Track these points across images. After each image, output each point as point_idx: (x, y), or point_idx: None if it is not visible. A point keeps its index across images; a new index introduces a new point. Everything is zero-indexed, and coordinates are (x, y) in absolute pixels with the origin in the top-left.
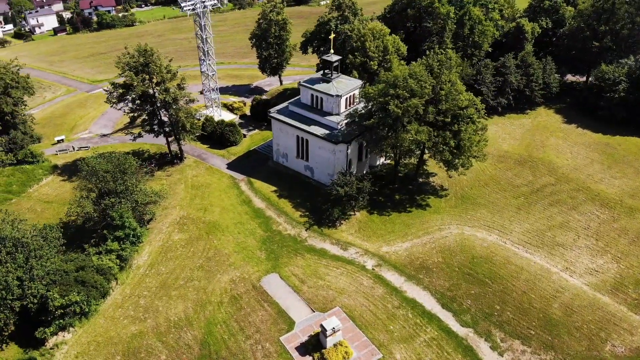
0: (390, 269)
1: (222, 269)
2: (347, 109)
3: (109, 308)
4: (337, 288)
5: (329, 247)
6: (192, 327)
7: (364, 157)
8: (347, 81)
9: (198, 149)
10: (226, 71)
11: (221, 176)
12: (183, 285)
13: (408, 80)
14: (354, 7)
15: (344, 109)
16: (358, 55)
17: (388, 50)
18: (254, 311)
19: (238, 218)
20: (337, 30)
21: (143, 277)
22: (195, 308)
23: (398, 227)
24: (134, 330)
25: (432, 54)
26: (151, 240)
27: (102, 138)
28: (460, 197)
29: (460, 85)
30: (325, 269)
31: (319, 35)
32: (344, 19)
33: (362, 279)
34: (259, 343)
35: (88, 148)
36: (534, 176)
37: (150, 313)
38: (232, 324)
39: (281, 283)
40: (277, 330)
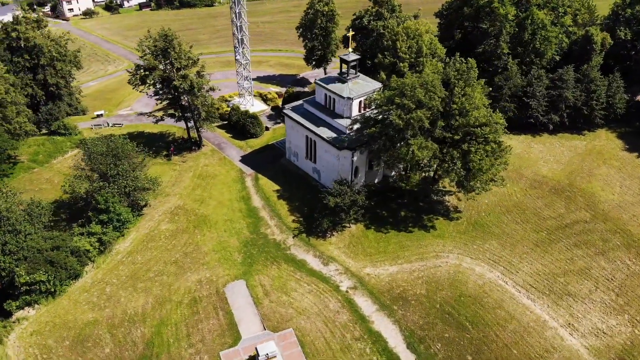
0: (365, 293)
1: (194, 267)
2: (361, 113)
3: (76, 290)
4: (299, 307)
5: (309, 260)
6: (144, 324)
7: (375, 166)
8: (364, 83)
9: (220, 138)
10: (279, 59)
11: (230, 168)
12: (151, 279)
13: (416, 90)
14: (391, 3)
15: (356, 113)
16: (388, 55)
17: (422, 51)
18: (207, 318)
19: (230, 215)
20: (369, 26)
21: (118, 264)
22: (154, 304)
23: (392, 247)
24: (90, 318)
25: (451, 62)
26: (139, 227)
27: (138, 117)
28: (473, 223)
29: (478, 99)
30: (295, 283)
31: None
32: (378, 15)
33: (330, 301)
34: (199, 354)
35: (121, 125)
36: (567, 209)
37: (111, 302)
38: (182, 328)
39: (244, 292)
40: (221, 343)
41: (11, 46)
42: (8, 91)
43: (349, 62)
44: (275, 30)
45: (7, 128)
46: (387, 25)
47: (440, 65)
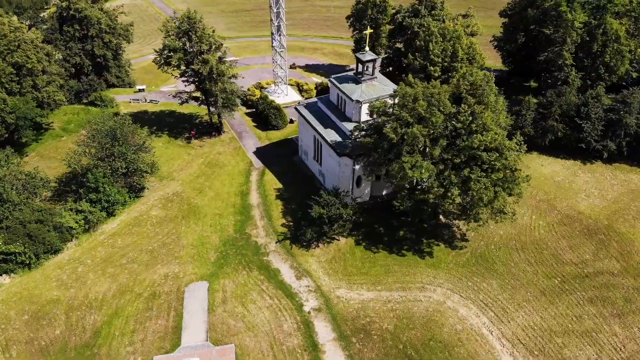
0: (328, 318)
1: (166, 260)
2: (373, 118)
3: (52, 265)
4: (251, 322)
5: (284, 270)
6: (99, 311)
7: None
8: (380, 86)
9: (244, 125)
10: (335, 47)
11: (241, 159)
12: (122, 265)
13: (418, 102)
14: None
15: (365, 118)
16: (419, 57)
17: (457, 56)
18: (157, 317)
19: (222, 209)
20: (403, 23)
21: (98, 244)
22: (115, 292)
23: (376, 269)
24: (54, 296)
25: (466, 73)
26: (132, 210)
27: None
28: (478, 256)
29: (489, 120)
30: (257, 294)
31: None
32: (415, 12)
33: (287, 321)
34: (134, 354)
35: (157, 102)
36: (595, 255)
37: (78, 283)
38: (130, 322)
39: (203, 295)
40: (159, 347)
41: (62, 16)
42: (40, 60)
43: (364, 61)
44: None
45: (35, 96)
46: (422, 24)
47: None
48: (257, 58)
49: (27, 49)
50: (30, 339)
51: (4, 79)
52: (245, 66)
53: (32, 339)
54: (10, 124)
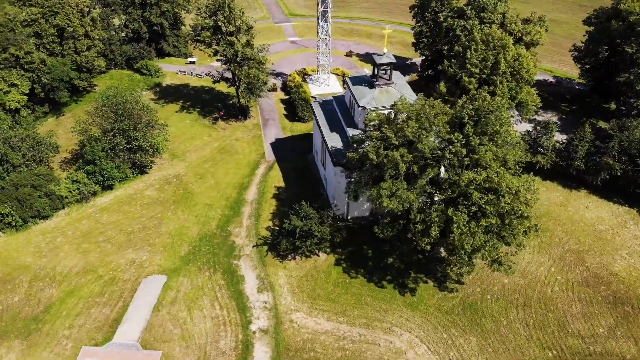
0: (271, 344)
1: (139, 245)
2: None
3: (36, 231)
4: (188, 331)
5: (249, 279)
6: (59, 287)
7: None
8: (396, 93)
9: (274, 113)
10: (404, 36)
11: (255, 149)
12: (97, 243)
13: (409, 122)
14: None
15: None
16: (455, 64)
17: (498, 68)
18: (104, 304)
19: (215, 200)
20: (443, 23)
21: (84, 217)
22: (80, 270)
23: (346, 298)
24: (27, 262)
25: (479, 97)
26: (129, 186)
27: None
28: (467, 304)
29: (488, 155)
30: (209, 301)
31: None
32: (459, 12)
33: (226, 337)
34: (67, 339)
35: (202, 77)
36: (611, 331)
37: (52, 254)
38: (79, 305)
39: (156, 291)
40: (92, 337)
41: None
42: (84, 24)
43: (378, 64)
44: None
45: (75, 59)
46: (466, 27)
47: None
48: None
49: (70, 12)
50: (9, 293)
51: (46, 40)
52: (303, 48)
53: (9, 293)
54: (46, 84)
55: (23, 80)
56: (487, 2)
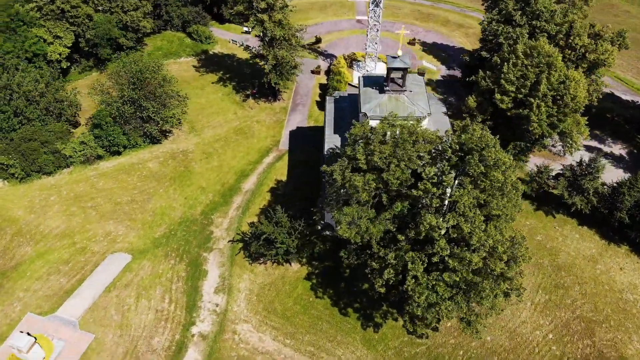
0: (204, 352)
1: (120, 218)
2: None
3: (36, 185)
4: (128, 319)
5: (211, 276)
6: (34, 246)
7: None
8: (406, 104)
9: (308, 98)
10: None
11: (272, 136)
12: (84, 208)
13: (383, 146)
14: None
15: None
16: (489, 77)
17: (538, 89)
18: (65, 274)
19: (210, 183)
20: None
21: (82, 179)
22: (58, 233)
23: (303, 319)
24: (16, 215)
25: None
26: (134, 155)
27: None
28: (432, 357)
29: (466, 200)
30: (161, 292)
31: None
32: (507, 16)
33: (163, 335)
34: (19, 302)
35: (251, 49)
36: None
37: (41, 212)
38: (43, 270)
39: (115, 270)
40: (40, 305)
41: None
42: None
43: (389, 68)
44: None
45: (121, 18)
46: (512, 35)
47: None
48: (387, 23)
49: None
50: None
51: None
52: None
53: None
54: (89, 40)
55: (67, 33)
56: (542, 8)
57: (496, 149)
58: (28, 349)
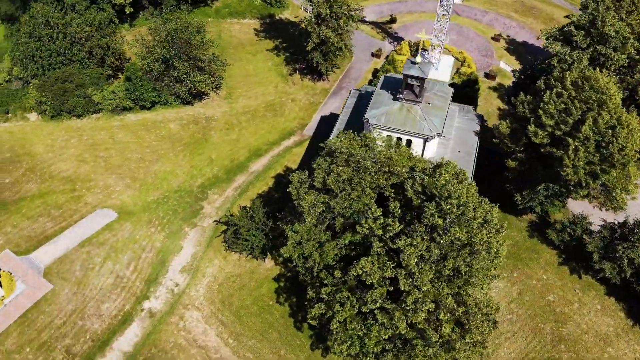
0: (145, 330)
1: (125, 174)
2: None
3: (63, 125)
4: (87, 278)
5: (185, 252)
6: (41, 185)
7: None
8: (418, 117)
9: (355, 82)
10: None
11: (301, 118)
12: (96, 157)
13: (342, 169)
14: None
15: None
16: (527, 103)
17: (580, 131)
18: (52, 219)
19: (220, 157)
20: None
21: (104, 128)
22: (65, 177)
23: (254, 322)
24: (36, 151)
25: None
26: (160, 113)
27: None
28: None
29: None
30: (129, 258)
31: None
32: (565, 35)
33: (114, 302)
34: (6, 235)
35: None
36: None
37: (58, 152)
38: (36, 210)
39: (96, 227)
40: (19, 245)
41: None
42: None
43: (404, 74)
44: None
45: None
46: (565, 59)
47: None
48: (478, 12)
49: None
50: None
51: None
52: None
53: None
54: None
55: None
56: (612, 32)
57: (471, 200)
58: None
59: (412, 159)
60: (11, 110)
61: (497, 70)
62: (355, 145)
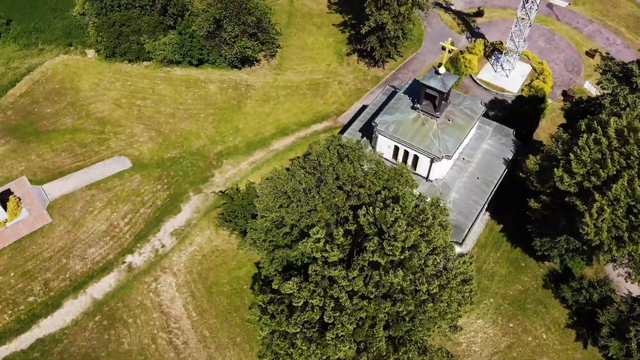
0: (118, 282)
1: (150, 126)
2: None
3: (113, 67)
4: (84, 220)
5: (180, 216)
6: (74, 121)
7: None
8: (430, 133)
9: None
10: None
11: (341, 104)
12: (132, 104)
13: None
14: None
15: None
16: (564, 141)
17: (610, 188)
18: (75, 155)
19: (247, 128)
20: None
21: (149, 77)
22: (98, 117)
23: (221, 301)
24: (82, 86)
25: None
26: (207, 72)
27: None
28: None
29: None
30: (128, 210)
31: None
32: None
33: (101, 248)
34: (29, 163)
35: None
36: None
37: (100, 93)
38: (63, 145)
39: (109, 172)
40: (37, 174)
41: None
42: None
43: (422, 84)
44: None
45: None
46: (617, 100)
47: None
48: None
49: None
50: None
51: None
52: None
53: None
54: None
55: None
56: None
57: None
58: None
59: (391, 181)
60: (74, 43)
61: (577, 91)
62: (329, 155)
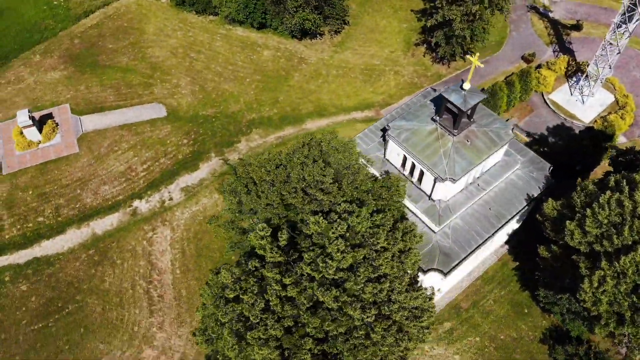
0: (120, 226)
1: (194, 81)
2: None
3: (181, 16)
4: (105, 157)
5: (196, 174)
6: (129, 61)
7: None
8: (442, 150)
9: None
10: None
11: (390, 94)
12: (186, 55)
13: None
14: None
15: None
16: (588, 193)
17: (619, 258)
18: (118, 94)
19: (286, 103)
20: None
21: (209, 32)
22: (153, 62)
23: (207, 268)
24: (147, 29)
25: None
26: (265, 36)
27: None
28: None
29: None
30: (149, 157)
31: None
32: None
33: (114, 188)
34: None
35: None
36: None
37: (162, 37)
38: (111, 81)
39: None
40: (79, 105)
41: None
42: None
43: (442, 97)
44: None
45: None
46: None
47: None
48: None
49: None
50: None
51: None
52: None
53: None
54: None
55: None
56: None
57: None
58: (26, 127)
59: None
60: None
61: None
62: (305, 153)
